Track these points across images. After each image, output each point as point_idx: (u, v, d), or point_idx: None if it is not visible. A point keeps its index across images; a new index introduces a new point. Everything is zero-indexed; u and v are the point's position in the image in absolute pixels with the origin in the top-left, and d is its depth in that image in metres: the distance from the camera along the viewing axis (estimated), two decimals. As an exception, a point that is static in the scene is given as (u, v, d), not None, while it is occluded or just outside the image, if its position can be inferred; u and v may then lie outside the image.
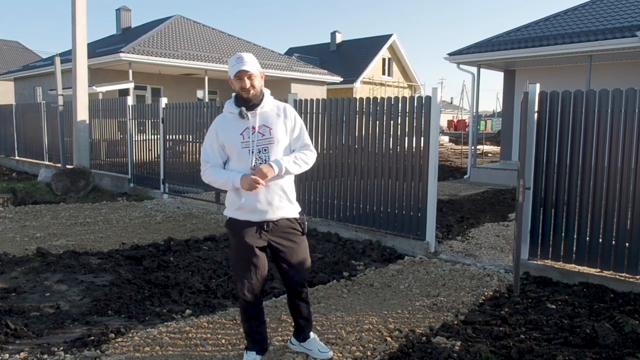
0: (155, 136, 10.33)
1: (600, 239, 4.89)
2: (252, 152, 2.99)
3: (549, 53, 11.68)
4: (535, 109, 5.13)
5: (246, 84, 2.96)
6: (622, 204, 4.74)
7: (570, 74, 13.13)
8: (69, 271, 5.28)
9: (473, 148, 13.94)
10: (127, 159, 11.11)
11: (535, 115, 5.14)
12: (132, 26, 24.47)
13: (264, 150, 3.01)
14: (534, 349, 3.34)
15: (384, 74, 32.07)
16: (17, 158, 15.59)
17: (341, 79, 26.84)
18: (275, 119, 3.07)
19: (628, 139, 4.69)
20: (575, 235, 5.03)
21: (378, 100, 6.55)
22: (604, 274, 4.86)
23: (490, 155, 21.51)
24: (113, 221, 7.81)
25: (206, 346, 3.52)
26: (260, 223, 3.05)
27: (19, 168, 15.20)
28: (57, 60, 12.21)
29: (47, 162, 13.90)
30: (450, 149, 26.50)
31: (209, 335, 3.69)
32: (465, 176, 13.76)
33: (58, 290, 4.76)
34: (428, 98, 6.04)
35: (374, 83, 30.48)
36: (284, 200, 3.08)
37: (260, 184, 2.92)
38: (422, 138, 6.10)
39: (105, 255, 5.90)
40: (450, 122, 44.92)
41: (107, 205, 9.25)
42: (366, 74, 29.82)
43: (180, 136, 9.82)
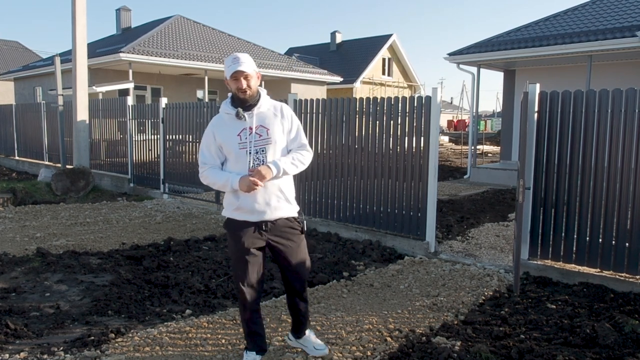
0: (155, 136, 10.33)
1: (600, 239, 4.89)
2: (250, 153, 2.99)
3: (549, 53, 11.68)
4: (535, 109, 5.14)
5: (242, 84, 2.96)
6: (622, 204, 4.74)
7: (570, 74, 13.13)
8: (69, 271, 5.28)
9: (473, 148, 13.94)
10: (127, 159, 11.11)
11: (535, 115, 5.15)
12: (132, 26, 24.47)
13: (262, 150, 3.01)
14: (534, 349, 3.34)
15: (384, 74, 32.06)
16: (17, 158, 15.59)
17: (341, 79, 26.84)
18: (272, 119, 3.07)
19: (628, 139, 4.69)
20: (575, 235, 5.03)
21: (378, 100, 6.55)
22: (604, 274, 4.86)
23: (490, 155, 21.51)
24: (113, 221, 7.81)
25: (206, 346, 3.52)
26: (258, 223, 3.05)
27: (19, 168, 15.20)
28: (57, 60, 12.21)
29: (47, 162, 13.90)
30: (450, 149, 26.49)
31: (209, 335, 3.69)
32: (465, 176, 13.76)
33: (58, 290, 4.76)
34: (428, 98, 6.04)
35: (374, 83, 30.48)
36: (281, 201, 3.08)
37: (259, 186, 2.92)
38: (422, 138, 6.10)
39: (105, 255, 5.90)
40: (450, 122, 44.95)
41: (107, 205, 9.26)
42: (366, 74, 29.81)
43: (180, 136, 9.82)
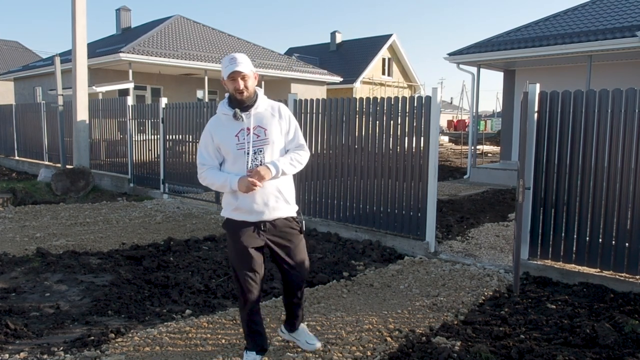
0: (155, 136, 10.32)
1: (600, 239, 4.89)
2: (248, 154, 2.99)
3: (549, 53, 11.68)
4: (535, 109, 5.14)
5: (240, 85, 2.96)
6: (622, 204, 4.74)
7: (570, 74, 13.13)
8: (68, 271, 5.28)
9: (473, 148, 13.94)
10: (127, 159, 11.11)
11: (535, 115, 5.15)
12: (132, 26, 24.47)
13: (260, 151, 3.01)
14: (534, 349, 3.34)
15: (383, 74, 32.06)
16: (17, 158, 15.59)
17: (341, 79, 26.83)
18: (270, 119, 3.07)
19: (628, 139, 4.69)
20: (575, 235, 5.03)
21: (378, 100, 6.55)
22: (603, 274, 4.86)
23: (490, 155, 21.50)
24: (113, 221, 7.81)
25: (206, 346, 3.52)
26: (257, 223, 3.05)
27: (19, 168, 15.20)
28: (57, 60, 12.21)
29: (47, 162, 13.90)
30: (450, 149, 26.49)
31: (209, 335, 3.69)
32: (465, 176, 13.76)
33: (58, 290, 4.76)
34: (428, 98, 6.04)
35: (373, 83, 30.47)
36: (280, 201, 3.08)
37: (258, 186, 2.92)
38: (422, 138, 6.10)
39: (105, 255, 5.90)
40: (450, 122, 45.02)
41: (107, 206, 9.25)
42: (366, 74, 29.81)
43: (180, 136, 9.82)
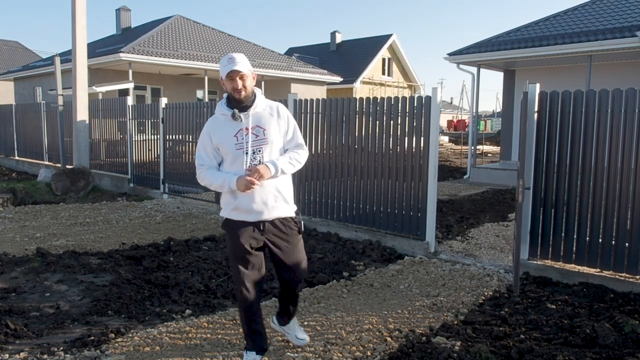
0: (155, 136, 10.32)
1: (600, 239, 4.89)
2: (247, 154, 2.98)
3: (549, 53, 11.69)
4: (535, 108, 5.14)
5: (238, 84, 2.96)
6: (622, 204, 4.74)
7: (570, 74, 13.13)
8: (68, 271, 5.28)
9: (473, 148, 13.94)
10: (127, 159, 11.10)
11: (535, 115, 5.15)
12: (132, 26, 24.46)
13: (258, 151, 3.01)
14: (534, 349, 3.34)
15: (383, 74, 32.06)
16: (17, 158, 15.59)
17: (341, 79, 26.83)
18: (268, 119, 3.07)
19: (628, 139, 4.69)
20: (575, 235, 5.03)
21: (378, 101, 6.55)
22: (603, 274, 4.86)
23: (490, 155, 21.50)
24: (113, 221, 7.81)
25: (206, 346, 3.52)
26: (256, 223, 3.05)
27: (19, 168, 15.20)
28: (57, 60, 12.21)
29: (47, 162, 13.90)
30: (450, 149, 26.49)
31: (209, 335, 3.69)
32: (465, 176, 13.76)
33: (58, 290, 4.76)
34: (428, 98, 6.04)
35: (373, 83, 30.47)
36: (279, 200, 3.08)
37: (256, 185, 2.92)
38: (422, 138, 6.10)
39: (105, 255, 5.90)
40: (450, 122, 45.03)
41: (107, 206, 9.25)
42: (366, 74, 29.81)
43: (180, 136, 9.82)
